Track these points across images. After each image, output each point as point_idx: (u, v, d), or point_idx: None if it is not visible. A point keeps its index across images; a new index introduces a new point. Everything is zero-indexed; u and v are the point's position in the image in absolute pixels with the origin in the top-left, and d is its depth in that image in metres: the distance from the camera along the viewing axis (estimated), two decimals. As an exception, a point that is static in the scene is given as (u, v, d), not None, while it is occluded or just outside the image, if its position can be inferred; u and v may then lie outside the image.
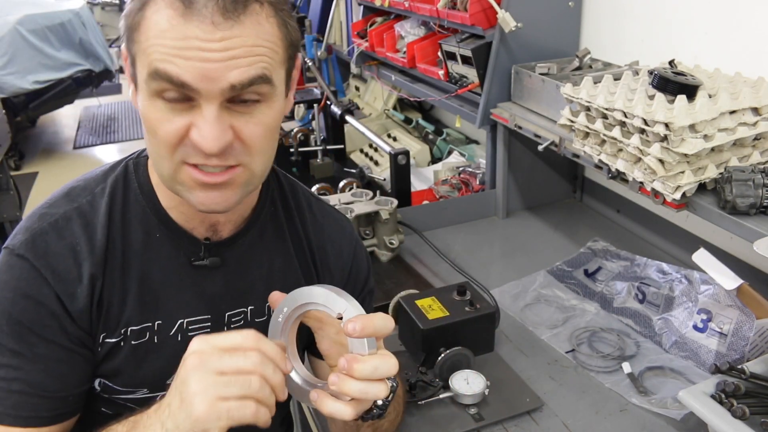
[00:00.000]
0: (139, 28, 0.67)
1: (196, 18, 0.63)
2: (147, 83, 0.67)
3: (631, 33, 1.59)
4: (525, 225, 1.80)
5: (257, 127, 0.70)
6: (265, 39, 0.67)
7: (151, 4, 0.66)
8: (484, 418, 1.08)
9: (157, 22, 0.65)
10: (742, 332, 1.11)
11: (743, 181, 1.05)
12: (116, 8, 7.56)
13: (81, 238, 0.77)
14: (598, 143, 1.27)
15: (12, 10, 4.25)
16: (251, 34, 0.66)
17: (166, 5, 0.65)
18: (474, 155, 2.19)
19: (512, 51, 1.64)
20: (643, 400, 1.11)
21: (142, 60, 0.67)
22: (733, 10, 1.33)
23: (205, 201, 0.72)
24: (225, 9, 0.64)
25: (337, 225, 0.95)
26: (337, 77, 2.93)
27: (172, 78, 0.64)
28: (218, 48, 0.64)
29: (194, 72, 0.64)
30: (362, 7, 2.39)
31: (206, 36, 0.64)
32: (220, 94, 0.66)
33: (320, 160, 2.30)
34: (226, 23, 0.64)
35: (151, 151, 0.73)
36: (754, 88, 1.16)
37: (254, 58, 0.66)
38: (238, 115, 0.69)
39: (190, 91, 0.65)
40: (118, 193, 0.81)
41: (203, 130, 0.66)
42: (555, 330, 1.32)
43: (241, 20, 0.65)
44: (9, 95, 4.07)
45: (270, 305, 0.78)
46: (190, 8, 0.64)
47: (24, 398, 0.75)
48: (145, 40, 0.66)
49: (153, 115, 0.68)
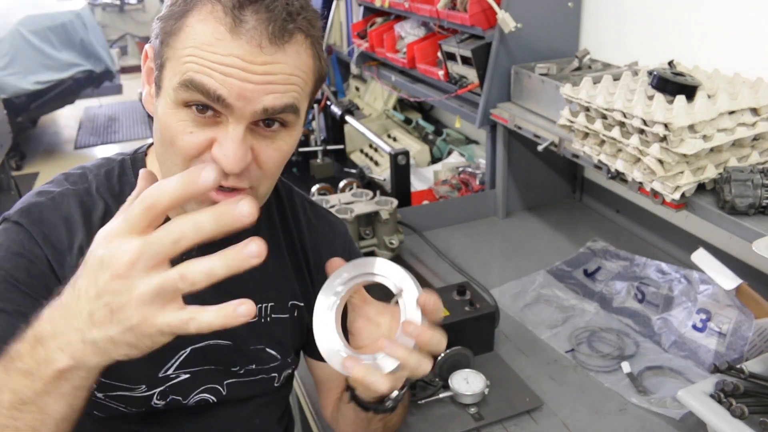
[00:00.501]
0: (179, 34, 0.66)
1: (245, 37, 0.63)
2: (176, 91, 0.66)
3: (631, 33, 1.59)
4: (525, 225, 1.80)
5: (275, 153, 0.71)
6: (302, 69, 0.68)
7: (195, 12, 0.65)
8: (484, 418, 1.09)
9: (203, 33, 0.64)
10: (741, 332, 1.12)
11: (742, 182, 1.05)
12: (117, 9, 7.56)
13: (76, 213, 0.78)
14: (597, 143, 1.27)
15: (13, 10, 4.26)
16: (291, 62, 0.66)
17: (215, 18, 0.64)
18: (474, 155, 2.19)
19: (512, 51, 1.65)
20: (643, 400, 1.11)
21: (175, 66, 0.66)
22: (732, 11, 1.33)
23: None
24: (273, 34, 0.64)
25: (331, 227, 0.96)
26: (337, 77, 2.94)
27: (208, 91, 0.64)
28: (259, 71, 0.64)
29: (232, 89, 0.64)
30: (362, 7, 2.40)
31: (250, 57, 0.64)
32: (251, 116, 0.66)
33: (320, 161, 2.31)
34: (271, 48, 0.64)
35: (164, 160, 0.73)
36: (753, 88, 1.17)
37: (289, 86, 0.67)
38: (260, 138, 0.69)
39: (221, 107, 0.65)
40: (115, 188, 0.82)
41: (227, 148, 0.66)
42: (554, 330, 1.32)
43: (285, 48, 0.65)
44: (10, 96, 4.07)
45: (327, 271, 0.77)
46: (239, 26, 0.63)
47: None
48: (183, 48, 0.65)
49: (174, 125, 0.68)
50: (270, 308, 0.89)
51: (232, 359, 0.88)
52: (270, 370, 0.92)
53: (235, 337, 0.87)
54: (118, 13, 7.61)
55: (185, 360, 0.85)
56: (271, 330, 0.90)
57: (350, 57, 2.50)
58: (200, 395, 0.88)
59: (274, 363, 0.91)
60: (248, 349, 0.88)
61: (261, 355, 0.90)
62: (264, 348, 0.90)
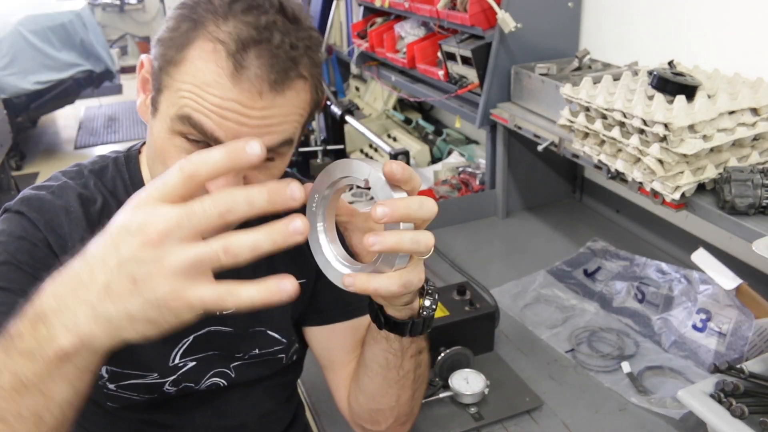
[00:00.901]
0: (179, 66, 0.65)
1: (245, 84, 0.63)
2: (172, 120, 0.66)
3: (631, 33, 1.59)
4: (525, 225, 1.80)
5: (266, 178, 0.71)
6: (299, 107, 0.68)
7: (196, 46, 0.64)
8: (484, 418, 1.09)
9: (203, 72, 0.63)
10: (741, 332, 1.12)
11: (742, 181, 1.05)
12: (117, 9, 7.57)
13: (75, 205, 0.79)
14: (597, 143, 1.27)
15: (13, 10, 4.26)
16: (289, 104, 0.66)
17: (216, 58, 0.63)
18: (474, 155, 2.19)
19: (512, 51, 1.65)
20: (643, 400, 1.11)
21: (173, 98, 0.66)
22: (732, 11, 1.33)
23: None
24: (274, 82, 0.63)
25: None
26: (337, 77, 2.94)
27: (205, 131, 0.64)
28: (257, 116, 0.64)
29: (228, 132, 0.64)
30: (362, 7, 2.40)
31: (249, 103, 0.63)
32: None
33: (320, 160, 2.31)
34: (270, 94, 0.64)
35: (156, 173, 0.73)
36: (753, 88, 1.17)
37: (286, 125, 0.67)
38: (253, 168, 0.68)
39: (216, 144, 0.65)
40: (108, 185, 0.83)
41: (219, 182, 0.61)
42: (554, 330, 1.32)
43: (284, 93, 0.65)
44: (10, 96, 4.07)
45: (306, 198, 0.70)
46: (240, 72, 0.62)
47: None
48: (182, 81, 0.65)
49: (168, 149, 0.68)
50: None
51: (235, 345, 0.89)
52: (275, 353, 0.92)
53: (235, 323, 0.88)
54: (118, 13, 7.61)
55: (189, 348, 0.86)
56: (270, 313, 0.89)
57: (350, 57, 2.50)
58: (211, 380, 0.89)
59: (278, 346, 0.92)
60: (248, 333, 0.89)
61: (263, 338, 0.90)
62: (265, 330, 0.90)
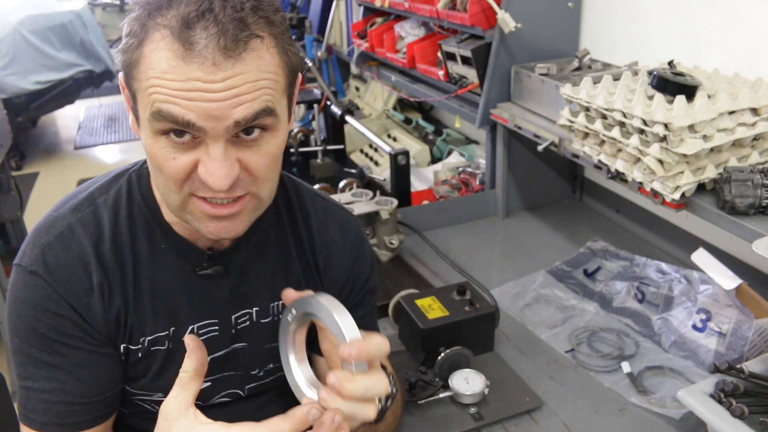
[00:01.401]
0: (138, 65, 0.66)
1: (197, 59, 0.62)
2: (150, 122, 0.66)
3: (631, 33, 1.59)
4: (525, 225, 1.80)
5: (263, 158, 0.70)
6: (267, 71, 0.66)
7: (148, 41, 0.64)
8: (484, 418, 1.09)
9: (157, 62, 0.64)
10: (741, 332, 1.12)
11: (742, 181, 1.05)
12: (117, 9, 7.56)
13: (88, 249, 0.78)
14: (597, 143, 1.27)
15: (13, 10, 4.26)
16: (253, 69, 0.65)
17: (165, 45, 0.63)
18: (474, 155, 2.19)
19: (512, 51, 1.65)
20: (643, 400, 1.11)
21: (143, 99, 0.66)
22: (732, 11, 1.33)
23: (214, 231, 0.73)
24: (226, 48, 0.62)
25: (342, 226, 0.94)
26: (337, 77, 2.94)
27: (176, 118, 0.64)
28: (221, 88, 0.63)
29: (198, 112, 0.64)
30: (362, 7, 2.40)
31: (208, 77, 0.63)
32: (226, 132, 0.66)
33: (320, 161, 2.31)
34: (227, 62, 0.63)
35: (158, 184, 0.73)
36: (753, 88, 1.17)
37: (257, 92, 0.66)
38: (244, 148, 0.68)
39: (194, 131, 0.65)
40: (122, 206, 0.81)
41: (211, 168, 0.66)
42: (554, 330, 1.32)
43: (242, 57, 0.64)
44: (10, 95, 4.07)
45: (283, 301, 0.79)
46: (190, 49, 0.62)
47: (65, 407, 0.77)
48: (145, 79, 0.65)
49: (158, 153, 0.68)
50: (282, 306, 0.89)
51: (251, 361, 0.89)
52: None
53: (250, 339, 0.88)
54: (118, 13, 7.59)
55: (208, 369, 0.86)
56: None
57: (350, 57, 2.50)
58: (220, 399, 0.90)
59: None
60: (264, 349, 0.89)
61: (278, 353, 0.90)
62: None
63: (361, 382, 0.69)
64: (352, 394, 0.68)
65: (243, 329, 0.87)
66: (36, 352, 0.77)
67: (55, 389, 0.77)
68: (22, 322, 0.77)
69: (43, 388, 0.77)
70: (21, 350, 0.78)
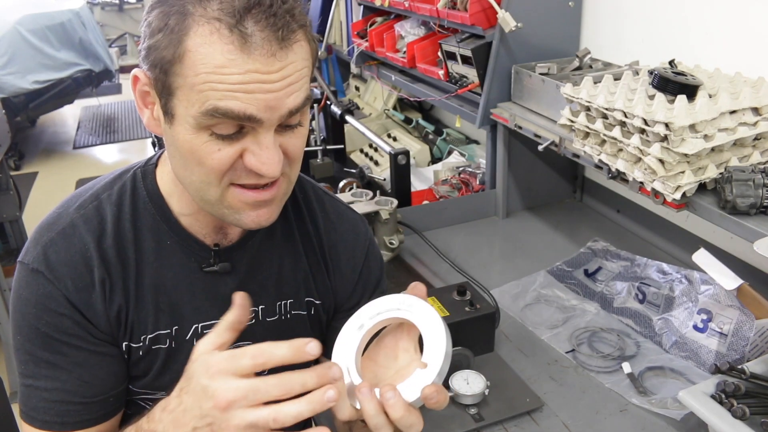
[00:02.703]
0: (182, 61, 0.64)
1: (257, 51, 0.63)
2: (197, 119, 0.65)
3: (631, 33, 1.59)
4: (525, 225, 1.80)
5: (299, 140, 0.72)
6: (306, 59, 0.69)
7: (193, 35, 0.63)
8: (484, 419, 1.08)
9: (211, 56, 0.63)
10: (742, 332, 1.11)
11: (743, 181, 1.05)
12: (116, 8, 7.56)
13: (90, 244, 0.78)
14: (598, 143, 1.27)
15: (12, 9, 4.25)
16: (299, 58, 0.67)
17: (220, 39, 0.62)
18: (474, 155, 2.19)
19: (512, 51, 1.64)
20: (643, 401, 1.11)
21: (191, 96, 0.65)
22: (733, 10, 1.33)
23: (256, 219, 0.74)
24: (281, 39, 0.64)
25: (351, 225, 0.93)
26: (337, 77, 2.93)
27: (237, 115, 0.64)
28: (278, 78, 0.65)
29: (258, 105, 0.64)
30: (362, 7, 2.39)
31: (267, 68, 0.63)
32: (278, 120, 0.67)
33: (320, 160, 2.30)
34: (282, 52, 0.64)
35: (193, 180, 0.72)
36: (754, 88, 1.16)
37: (303, 81, 0.68)
38: (285, 133, 0.70)
39: (250, 122, 0.65)
40: (126, 201, 0.81)
41: (263, 156, 0.67)
42: (555, 330, 1.32)
43: (293, 48, 0.65)
44: (9, 95, 4.06)
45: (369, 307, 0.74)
46: (248, 42, 0.62)
47: (65, 406, 0.77)
48: (195, 75, 0.64)
49: (200, 147, 0.67)
50: (289, 305, 0.89)
51: None
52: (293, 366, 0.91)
53: (255, 338, 0.87)
54: (117, 13, 7.60)
55: None
56: (292, 327, 0.90)
57: (350, 56, 2.50)
58: None
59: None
60: None
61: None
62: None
63: (414, 416, 0.65)
64: (399, 417, 0.64)
65: (248, 327, 0.86)
66: (38, 351, 0.77)
67: (55, 388, 0.77)
68: (24, 320, 0.77)
69: (44, 387, 0.77)
70: (23, 348, 0.78)
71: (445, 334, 0.68)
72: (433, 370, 0.66)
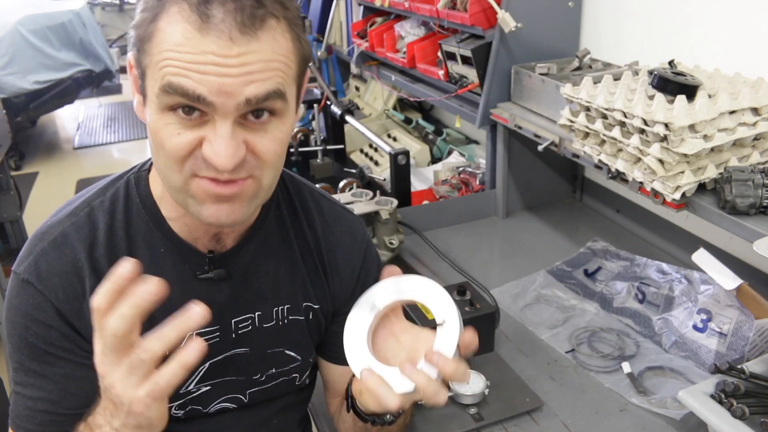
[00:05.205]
0: (152, 39, 0.65)
1: (214, 33, 0.62)
2: (158, 97, 0.65)
3: (631, 33, 1.59)
4: (525, 225, 1.80)
5: (271, 143, 0.69)
6: (280, 54, 0.66)
7: (164, 15, 0.64)
8: (484, 418, 1.08)
9: (172, 35, 0.63)
10: (742, 332, 1.11)
11: (743, 181, 1.05)
12: (116, 8, 7.57)
13: (81, 254, 0.77)
14: (597, 143, 1.27)
15: (12, 10, 4.26)
16: (267, 49, 0.65)
17: (182, 18, 0.63)
18: (474, 155, 2.19)
19: (512, 51, 1.64)
20: (643, 400, 1.11)
21: (154, 73, 0.65)
22: (732, 10, 1.33)
23: (215, 214, 0.71)
24: (243, 24, 0.63)
25: (348, 228, 0.93)
26: (337, 77, 2.94)
27: (187, 92, 0.63)
28: (235, 63, 0.63)
29: (210, 86, 0.63)
30: (362, 7, 2.40)
31: (223, 51, 0.62)
32: (235, 110, 0.65)
33: (320, 160, 2.31)
34: (243, 38, 0.63)
35: (159, 165, 0.72)
36: (754, 88, 1.16)
37: (270, 72, 0.65)
38: (252, 131, 0.68)
39: (204, 106, 0.64)
40: (119, 209, 0.80)
41: (217, 146, 0.65)
42: (555, 330, 1.32)
43: (258, 36, 0.64)
44: (9, 95, 4.07)
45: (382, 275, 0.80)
46: (207, 22, 0.62)
47: (49, 417, 0.77)
48: (158, 52, 0.64)
49: (162, 129, 0.67)
50: (287, 310, 0.88)
51: (252, 366, 0.88)
52: (290, 371, 0.91)
53: (252, 344, 0.87)
54: (118, 13, 7.61)
55: (205, 374, 0.85)
56: (290, 332, 0.89)
57: (350, 57, 2.50)
58: (221, 404, 0.89)
59: (294, 364, 0.91)
60: (266, 354, 0.88)
61: (281, 358, 0.89)
62: (283, 350, 0.89)
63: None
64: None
65: (244, 334, 0.86)
66: (26, 360, 0.77)
67: (41, 398, 0.77)
68: (14, 329, 0.77)
69: (30, 395, 0.77)
70: (13, 356, 0.78)
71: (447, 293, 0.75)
72: (454, 321, 0.73)
